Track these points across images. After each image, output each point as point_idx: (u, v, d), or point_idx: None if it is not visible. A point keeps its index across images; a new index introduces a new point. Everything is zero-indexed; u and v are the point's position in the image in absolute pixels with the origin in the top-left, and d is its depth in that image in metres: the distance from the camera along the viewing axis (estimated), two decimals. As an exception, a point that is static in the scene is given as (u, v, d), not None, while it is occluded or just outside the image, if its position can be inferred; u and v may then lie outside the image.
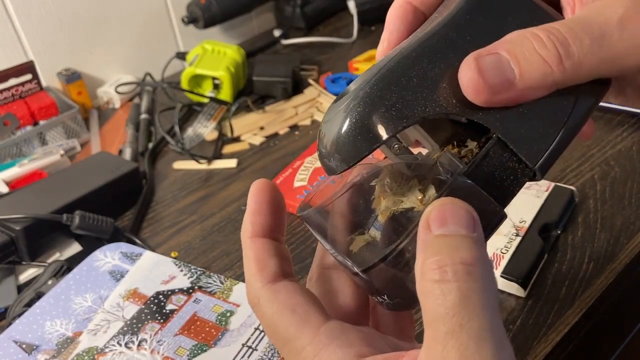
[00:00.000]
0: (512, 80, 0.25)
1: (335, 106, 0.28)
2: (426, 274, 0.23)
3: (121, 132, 0.86)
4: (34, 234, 0.61)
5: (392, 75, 0.26)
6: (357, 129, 0.26)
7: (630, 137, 0.69)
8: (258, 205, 0.29)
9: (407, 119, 0.26)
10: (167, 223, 0.68)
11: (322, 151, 0.28)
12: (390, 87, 0.26)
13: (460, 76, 0.25)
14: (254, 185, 0.30)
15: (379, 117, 0.26)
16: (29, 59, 0.87)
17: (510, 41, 0.25)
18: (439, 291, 0.22)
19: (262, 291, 0.28)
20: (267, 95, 0.89)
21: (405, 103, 0.26)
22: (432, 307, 0.22)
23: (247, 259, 0.29)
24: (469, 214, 0.24)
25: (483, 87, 0.25)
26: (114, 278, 0.57)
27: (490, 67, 0.25)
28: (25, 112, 0.82)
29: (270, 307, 0.27)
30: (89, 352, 0.50)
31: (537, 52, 0.24)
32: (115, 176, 0.69)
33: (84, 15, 0.92)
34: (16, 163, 0.75)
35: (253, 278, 0.28)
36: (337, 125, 0.27)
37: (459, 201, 0.24)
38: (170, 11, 1.01)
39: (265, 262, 0.28)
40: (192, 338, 0.50)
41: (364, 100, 0.26)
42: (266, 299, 0.28)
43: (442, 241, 0.23)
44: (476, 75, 0.25)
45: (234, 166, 0.76)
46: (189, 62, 0.90)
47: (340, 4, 1.12)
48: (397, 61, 0.27)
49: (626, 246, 0.55)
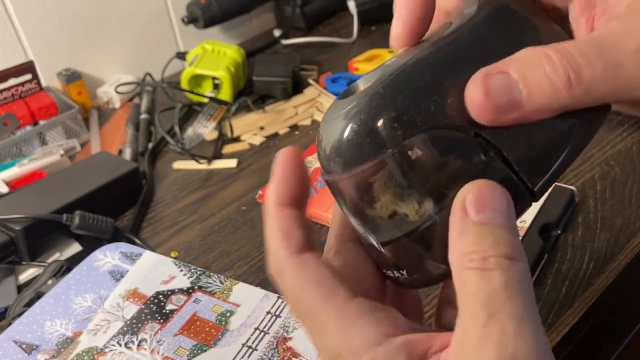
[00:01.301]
0: (519, 102, 0.24)
1: (340, 104, 0.27)
2: (466, 261, 0.23)
3: (121, 132, 0.86)
4: (34, 234, 0.61)
5: (406, 79, 0.25)
6: (365, 132, 0.25)
7: (630, 137, 0.69)
8: (284, 173, 0.28)
9: (417, 127, 0.25)
10: (167, 223, 0.68)
11: (321, 153, 0.27)
12: (403, 91, 0.25)
13: (466, 93, 0.25)
14: (281, 154, 0.28)
15: (390, 122, 0.25)
16: (28, 59, 0.87)
17: (522, 60, 0.24)
18: (479, 278, 0.22)
19: (287, 262, 0.27)
20: (267, 95, 0.89)
21: (416, 110, 0.25)
22: (472, 292, 0.22)
23: (272, 228, 0.28)
24: (506, 199, 0.24)
25: (488, 108, 0.24)
26: (113, 278, 0.57)
27: (498, 87, 0.24)
28: (25, 112, 0.82)
29: (296, 279, 0.27)
30: (88, 352, 0.50)
31: (547, 75, 0.24)
32: (115, 176, 0.69)
33: (84, 15, 0.92)
34: (16, 163, 0.74)
35: (278, 248, 0.27)
36: (342, 125, 0.26)
37: (496, 185, 0.24)
38: (170, 11, 1.01)
39: (291, 232, 0.27)
40: (192, 338, 0.50)
41: (376, 101, 0.25)
42: (292, 270, 0.27)
43: (482, 230, 0.23)
44: (482, 95, 0.24)
45: (234, 166, 0.76)
46: (189, 62, 0.90)
47: (340, 4, 1.12)
48: (412, 64, 0.26)
49: (626, 246, 0.55)
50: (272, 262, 0.28)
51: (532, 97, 0.24)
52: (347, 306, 0.25)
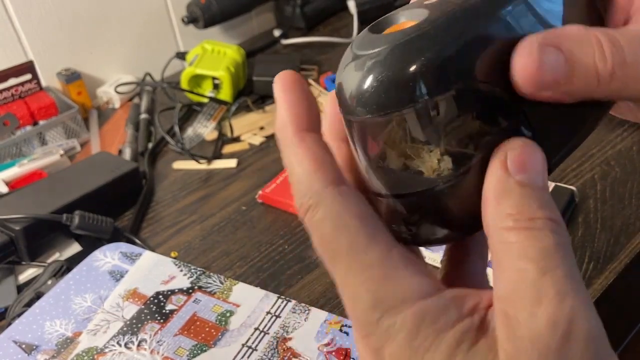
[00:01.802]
0: (559, 82, 0.23)
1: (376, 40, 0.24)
2: (510, 222, 0.22)
3: (121, 132, 0.86)
4: (34, 234, 0.61)
5: (456, 25, 0.23)
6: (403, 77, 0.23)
7: (630, 137, 0.69)
8: (295, 96, 0.25)
9: (458, 82, 0.23)
10: (167, 223, 0.68)
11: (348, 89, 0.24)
12: (451, 39, 0.23)
13: (517, 59, 0.23)
14: (282, 78, 0.26)
15: (430, 71, 0.23)
16: (28, 59, 0.87)
17: (575, 38, 0.23)
18: (528, 237, 0.21)
19: (325, 193, 0.23)
20: (267, 95, 0.89)
21: (461, 62, 0.23)
22: (519, 250, 0.21)
23: (300, 158, 0.24)
24: (545, 163, 0.23)
25: (536, 81, 0.23)
26: (113, 278, 0.57)
27: (550, 63, 0.23)
28: (25, 112, 0.82)
29: (337, 213, 0.23)
30: (88, 352, 0.50)
31: (595, 63, 0.23)
32: (115, 176, 0.69)
33: (84, 15, 0.92)
34: (16, 163, 0.74)
35: (312, 178, 0.24)
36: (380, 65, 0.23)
37: (536, 145, 0.23)
38: (170, 11, 1.01)
39: (324, 160, 0.24)
40: (192, 338, 0.50)
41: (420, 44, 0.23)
42: (331, 202, 0.23)
43: (526, 191, 0.22)
44: (535, 66, 0.23)
45: (233, 166, 0.76)
46: (188, 62, 0.90)
47: (340, 4, 1.12)
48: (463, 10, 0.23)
49: (626, 246, 0.55)
50: (303, 194, 0.24)
51: (573, 81, 0.23)
52: (395, 250, 0.23)
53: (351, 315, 0.24)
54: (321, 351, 0.48)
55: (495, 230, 0.22)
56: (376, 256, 0.23)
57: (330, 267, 0.24)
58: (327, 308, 0.53)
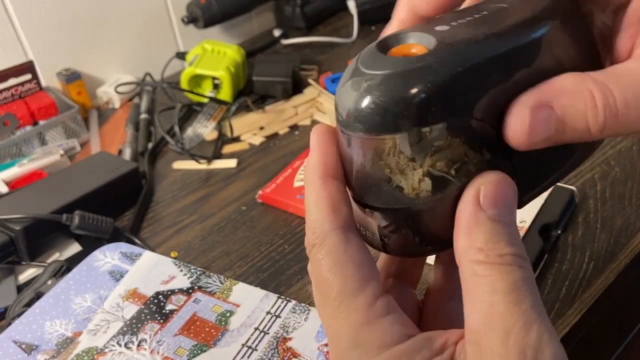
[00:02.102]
0: (553, 136, 0.24)
1: (382, 61, 0.25)
2: (480, 256, 0.24)
3: (121, 132, 0.86)
4: (34, 234, 0.61)
5: (461, 62, 0.24)
6: (399, 102, 0.24)
7: (630, 137, 0.69)
8: (327, 146, 0.28)
9: (451, 116, 0.24)
10: (167, 223, 0.68)
11: (347, 104, 0.25)
12: (453, 75, 0.24)
13: (510, 120, 0.24)
14: (318, 129, 0.28)
15: (426, 101, 0.23)
16: (28, 59, 0.87)
17: (567, 93, 0.24)
18: (498, 271, 0.23)
19: (331, 234, 0.26)
20: (267, 95, 0.89)
21: (457, 98, 0.24)
22: (489, 283, 0.23)
23: (317, 199, 0.27)
24: (515, 199, 0.25)
25: (527, 142, 0.24)
26: (113, 278, 0.57)
27: (541, 124, 0.24)
28: (25, 112, 0.82)
29: (338, 254, 0.26)
30: (88, 352, 0.50)
31: (586, 116, 0.24)
32: (115, 176, 0.69)
33: (84, 15, 0.92)
34: (16, 163, 0.74)
35: (324, 220, 0.26)
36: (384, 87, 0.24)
37: (509, 180, 0.25)
38: (170, 11, 1.01)
39: (339, 206, 0.27)
40: (192, 338, 0.50)
41: (423, 74, 0.23)
42: (335, 244, 0.26)
43: (496, 227, 0.24)
44: (527, 130, 0.24)
45: (233, 166, 0.76)
46: (188, 62, 0.90)
47: (340, 4, 1.12)
48: (467, 42, 0.24)
49: (626, 246, 0.55)
50: (313, 232, 0.27)
51: (565, 132, 0.24)
52: (380, 298, 0.25)
53: (332, 353, 0.26)
54: (321, 351, 0.48)
55: (466, 262, 0.24)
56: (362, 302, 0.25)
57: (319, 305, 0.26)
58: (327, 308, 0.53)
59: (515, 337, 0.22)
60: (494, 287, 0.23)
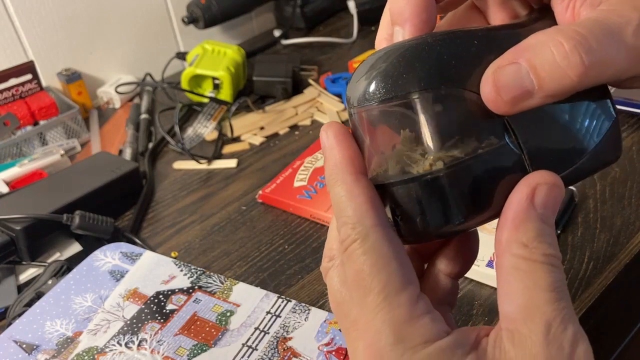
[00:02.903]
0: (531, 90, 0.25)
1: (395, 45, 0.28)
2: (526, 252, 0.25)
3: (121, 132, 0.86)
4: (34, 234, 0.61)
5: (455, 41, 0.27)
6: (406, 69, 0.26)
7: (630, 137, 0.69)
8: (347, 142, 0.28)
9: (452, 82, 0.26)
10: (167, 223, 0.68)
11: (363, 81, 0.27)
12: (454, 49, 0.26)
13: (481, 89, 0.26)
14: (332, 128, 0.28)
15: (428, 69, 0.26)
16: (29, 59, 0.87)
17: (532, 48, 0.25)
18: (543, 268, 0.25)
19: (374, 230, 0.26)
20: (267, 95, 0.89)
21: (457, 68, 0.26)
22: (533, 279, 0.25)
23: (352, 195, 0.27)
24: (559, 204, 0.26)
25: (500, 102, 0.25)
26: (114, 278, 0.57)
27: (509, 81, 0.25)
28: (25, 112, 0.82)
29: (380, 250, 0.26)
30: (89, 352, 0.50)
31: (557, 63, 0.24)
32: (115, 176, 0.69)
33: (84, 16, 0.92)
34: (16, 163, 0.75)
35: (364, 214, 0.26)
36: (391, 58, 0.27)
37: (562, 185, 0.26)
38: (170, 11, 1.01)
39: (376, 201, 0.27)
40: (192, 338, 0.50)
41: (424, 47, 0.26)
42: (377, 239, 0.26)
43: (543, 228, 0.25)
44: (493, 91, 0.25)
45: (234, 166, 0.76)
46: (189, 62, 0.90)
47: (340, 4, 1.12)
48: (464, 32, 0.27)
49: (626, 246, 0.55)
50: (352, 227, 0.26)
51: (543, 85, 0.25)
52: (420, 298, 0.26)
53: (369, 348, 0.26)
54: (321, 351, 0.48)
55: (508, 254, 0.25)
56: (406, 299, 0.26)
57: (356, 300, 0.26)
58: (327, 308, 0.53)
59: (554, 331, 0.24)
60: (537, 282, 0.24)
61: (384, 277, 0.26)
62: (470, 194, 0.26)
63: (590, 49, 0.24)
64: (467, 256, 0.32)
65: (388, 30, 0.31)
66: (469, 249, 0.32)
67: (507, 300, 0.25)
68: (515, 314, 0.25)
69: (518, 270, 0.25)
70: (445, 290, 0.32)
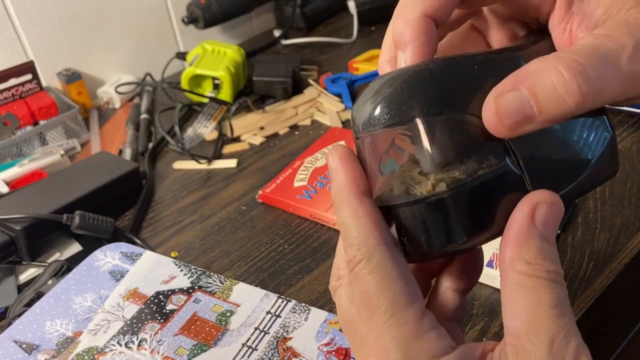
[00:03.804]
0: (532, 116, 0.26)
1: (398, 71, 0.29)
2: (529, 269, 0.26)
3: (121, 132, 0.86)
4: (34, 233, 0.61)
5: (458, 60, 0.28)
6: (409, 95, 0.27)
7: (630, 137, 0.69)
8: (351, 165, 0.29)
9: (453, 108, 0.27)
10: (167, 223, 0.68)
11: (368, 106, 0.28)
12: (455, 75, 0.27)
13: (483, 114, 0.27)
14: (337, 151, 0.29)
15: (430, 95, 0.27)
16: (29, 59, 0.87)
17: (532, 75, 0.26)
18: (546, 285, 0.25)
19: (378, 250, 0.27)
20: (267, 95, 0.89)
21: (460, 92, 0.27)
22: (536, 295, 0.25)
23: (356, 216, 0.28)
24: (559, 222, 0.27)
25: (502, 127, 0.26)
26: (114, 278, 0.57)
27: (510, 106, 0.26)
28: (25, 112, 0.82)
29: (385, 269, 0.27)
30: (89, 352, 0.50)
31: (557, 90, 0.25)
32: (115, 176, 0.69)
33: (84, 16, 0.92)
34: (16, 163, 0.75)
35: (369, 235, 0.27)
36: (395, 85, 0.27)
37: (561, 203, 0.26)
38: (170, 11, 1.01)
39: (380, 221, 0.28)
40: (192, 338, 0.50)
41: (433, 67, 0.27)
42: (382, 258, 0.27)
43: (545, 246, 0.26)
44: (495, 117, 0.26)
45: (234, 166, 0.76)
46: (189, 62, 0.90)
47: (340, 4, 1.12)
48: (464, 57, 0.28)
49: (626, 246, 0.55)
50: (357, 247, 0.27)
51: (543, 110, 0.26)
52: (425, 314, 0.27)
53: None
54: (321, 351, 0.48)
55: (512, 271, 0.26)
56: (412, 316, 0.26)
57: (364, 319, 0.27)
58: (327, 308, 0.53)
59: (557, 346, 0.25)
60: (540, 299, 0.25)
61: (389, 295, 0.27)
62: (472, 214, 0.27)
63: (588, 78, 0.25)
64: (472, 272, 0.33)
65: (390, 53, 0.32)
66: (473, 265, 0.33)
67: (511, 316, 0.26)
68: (519, 329, 0.25)
69: (522, 286, 0.26)
70: (453, 306, 0.33)
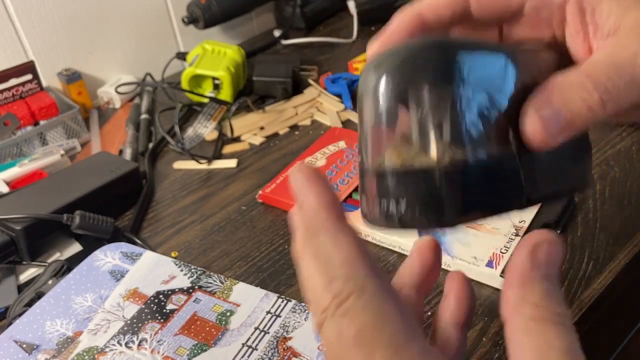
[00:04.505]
0: (564, 127, 0.27)
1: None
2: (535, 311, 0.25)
3: (121, 132, 0.86)
4: (34, 233, 0.61)
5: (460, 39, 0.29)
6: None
7: (629, 137, 0.69)
8: (320, 186, 0.26)
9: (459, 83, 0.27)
10: (167, 223, 0.68)
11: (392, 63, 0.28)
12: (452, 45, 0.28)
13: (526, 127, 0.27)
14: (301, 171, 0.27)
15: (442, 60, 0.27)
16: (29, 59, 0.87)
17: (562, 90, 0.28)
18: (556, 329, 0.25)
19: (369, 280, 0.24)
20: (267, 95, 0.89)
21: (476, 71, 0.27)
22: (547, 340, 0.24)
23: (338, 245, 0.25)
24: (560, 260, 0.27)
25: (545, 137, 0.27)
26: (114, 278, 0.57)
27: (550, 118, 0.27)
28: (25, 112, 0.82)
29: (381, 301, 0.24)
30: (89, 352, 0.50)
31: (585, 102, 0.27)
32: (115, 176, 0.69)
33: (84, 16, 0.92)
34: (16, 163, 0.75)
35: (355, 264, 0.25)
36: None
37: (561, 242, 0.27)
38: (170, 11, 1.01)
39: (364, 248, 0.25)
40: (192, 338, 0.50)
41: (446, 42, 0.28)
42: (376, 290, 0.24)
43: (549, 287, 0.26)
44: (541, 129, 0.27)
45: (234, 166, 0.76)
46: (189, 62, 0.90)
47: (340, 4, 1.12)
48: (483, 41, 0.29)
49: (626, 246, 0.55)
50: (345, 279, 0.25)
51: (574, 121, 0.27)
52: (425, 345, 0.25)
53: None
54: (321, 351, 0.48)
55: (518, 315, 0.25)
56: (417, 351, 0.24)
57: (361, 357, 0.24)
58: (327, 308, 0.53)
59: None
60: (552, 343, 0.24)
61: (390, 329, 0.24)
62: (463, 194, 0.27)
63: (606, 88, 0.27)
64: (466, 305, 0.33)
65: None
66: (466, 297, 0.33)
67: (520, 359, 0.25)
68: None
69: (530, 330, 0.25)
70: (455, 344, 0.32)
